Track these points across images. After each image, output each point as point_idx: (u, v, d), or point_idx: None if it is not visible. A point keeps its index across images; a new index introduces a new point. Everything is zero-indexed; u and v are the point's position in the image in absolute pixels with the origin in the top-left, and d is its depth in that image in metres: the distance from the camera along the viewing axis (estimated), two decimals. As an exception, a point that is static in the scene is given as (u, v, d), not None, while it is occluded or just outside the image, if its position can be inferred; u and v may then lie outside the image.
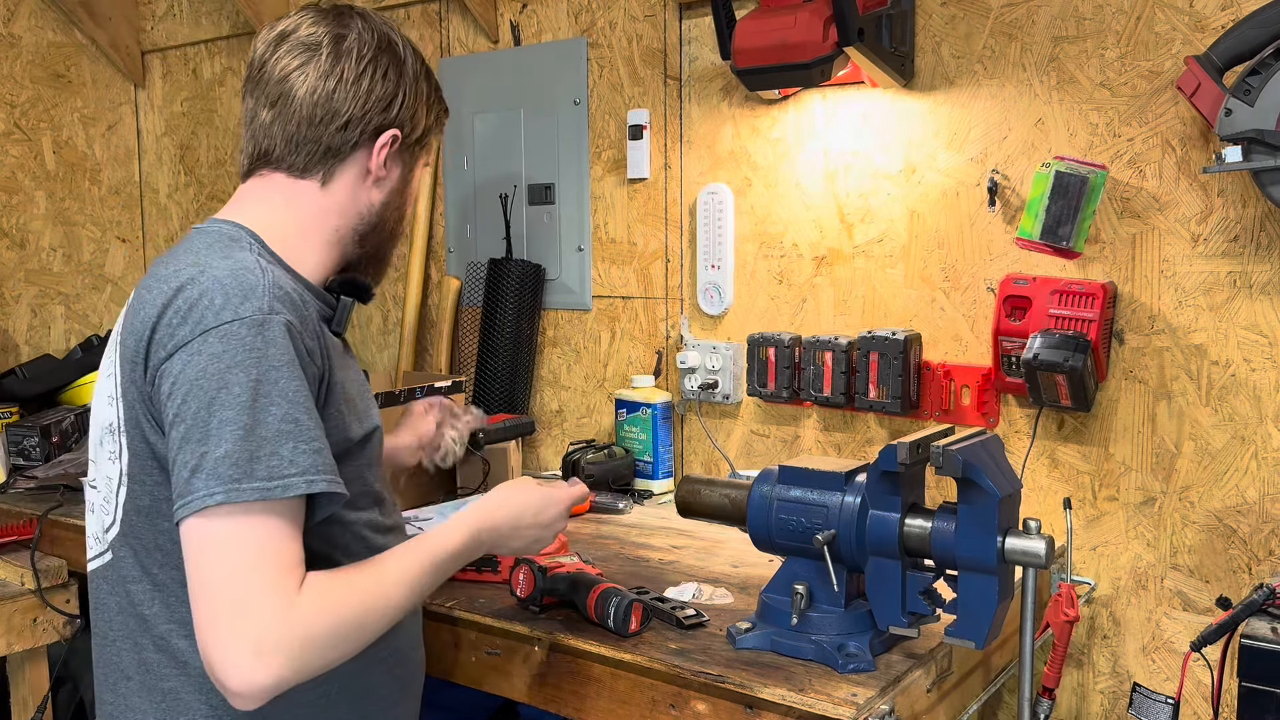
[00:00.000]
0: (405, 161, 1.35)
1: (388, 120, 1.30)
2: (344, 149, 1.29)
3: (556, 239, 2.42)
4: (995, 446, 1.32)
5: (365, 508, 1.28)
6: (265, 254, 1.24)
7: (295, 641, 1.04)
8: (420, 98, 1.34)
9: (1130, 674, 1.78)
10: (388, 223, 1.36)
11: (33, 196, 3.06)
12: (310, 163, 1.29)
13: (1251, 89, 1.50)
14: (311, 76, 1.28)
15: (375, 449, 1.31)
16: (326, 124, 1.28)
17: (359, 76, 1.29)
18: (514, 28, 2.45)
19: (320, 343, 1.19)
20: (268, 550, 1.06)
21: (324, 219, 1.31)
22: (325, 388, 1.19)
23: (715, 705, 1.31)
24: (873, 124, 1.97)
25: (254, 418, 1.07)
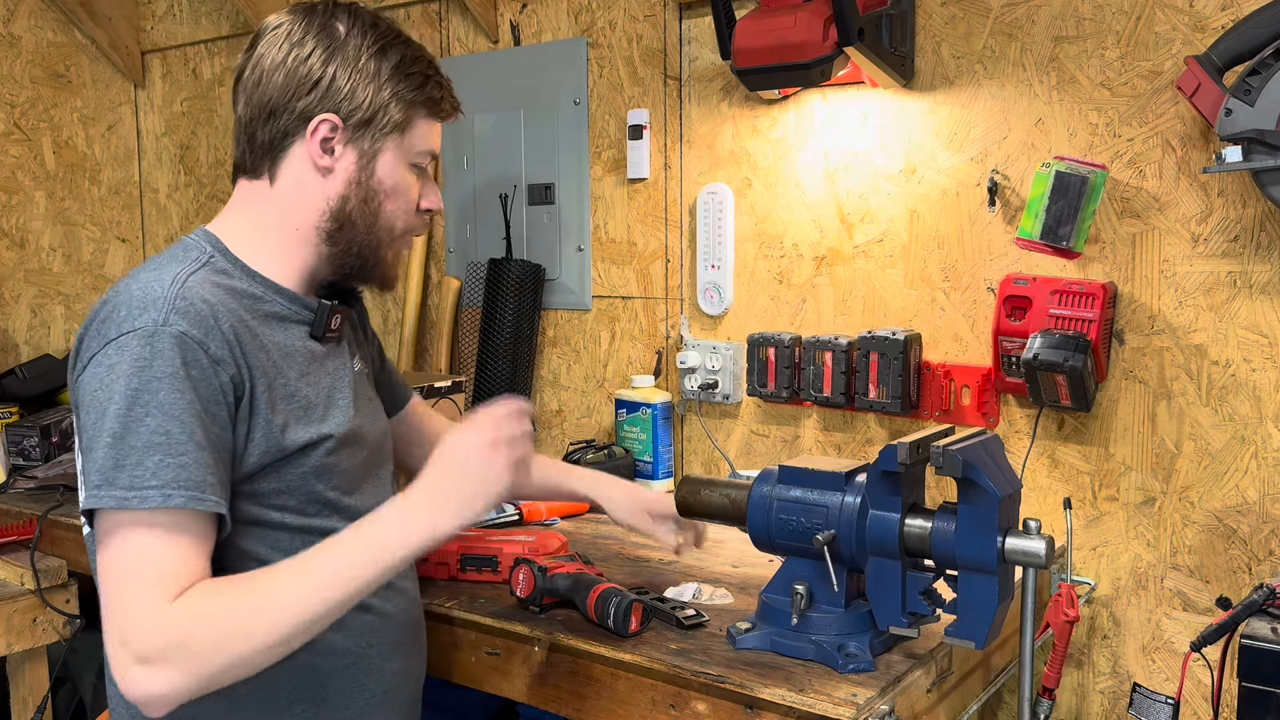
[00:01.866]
0: (362, 148, 1.27)
1: (314, 104, 1.24)
2: (278, 140, 1.26)
3: (556, 239, 2.42)
4: (995, 446, 1.32)
5: (315, 514, 1.25)
6: (224, 260, 1.24)
7: (172, 650, 1.04)
8: (363, 77, 1.25)
9: (1130, 674, 1.78)
10: (355, 217, 1.28)
11: (32, 196, 3.06)
12: (256, 161, 1.27)
13: (1251, 89, 1.50)
14: (247, 72, 1.27)
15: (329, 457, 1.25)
16: (258, 118, 1.26)
17: (279, 64, 1.24)
18: (514, 28, 2.45)
19: (239, 350, 1.16)
20: (138, 560, 1.07)
21: (281, 218, 1.28)
22: (250, 395, 1.17)
23: (715, 705, 1.31)
24: (873, 124, 1.97)
25: (126, 427, 1.08)
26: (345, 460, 1.28)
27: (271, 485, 1.22)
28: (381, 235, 1.31)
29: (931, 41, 1.89)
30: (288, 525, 1.23)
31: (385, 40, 1.27)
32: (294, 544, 1.21)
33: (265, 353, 1.21)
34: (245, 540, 1.21)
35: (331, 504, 1.27)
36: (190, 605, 1.07)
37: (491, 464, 1.15)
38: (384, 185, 1.29)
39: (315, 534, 1.23)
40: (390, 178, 1.29)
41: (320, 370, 1.29)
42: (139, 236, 3.30)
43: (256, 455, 1.19)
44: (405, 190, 1.31)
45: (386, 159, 1.28)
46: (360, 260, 1.31)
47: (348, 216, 1.28)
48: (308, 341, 1.29)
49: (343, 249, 1.29)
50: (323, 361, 1.30)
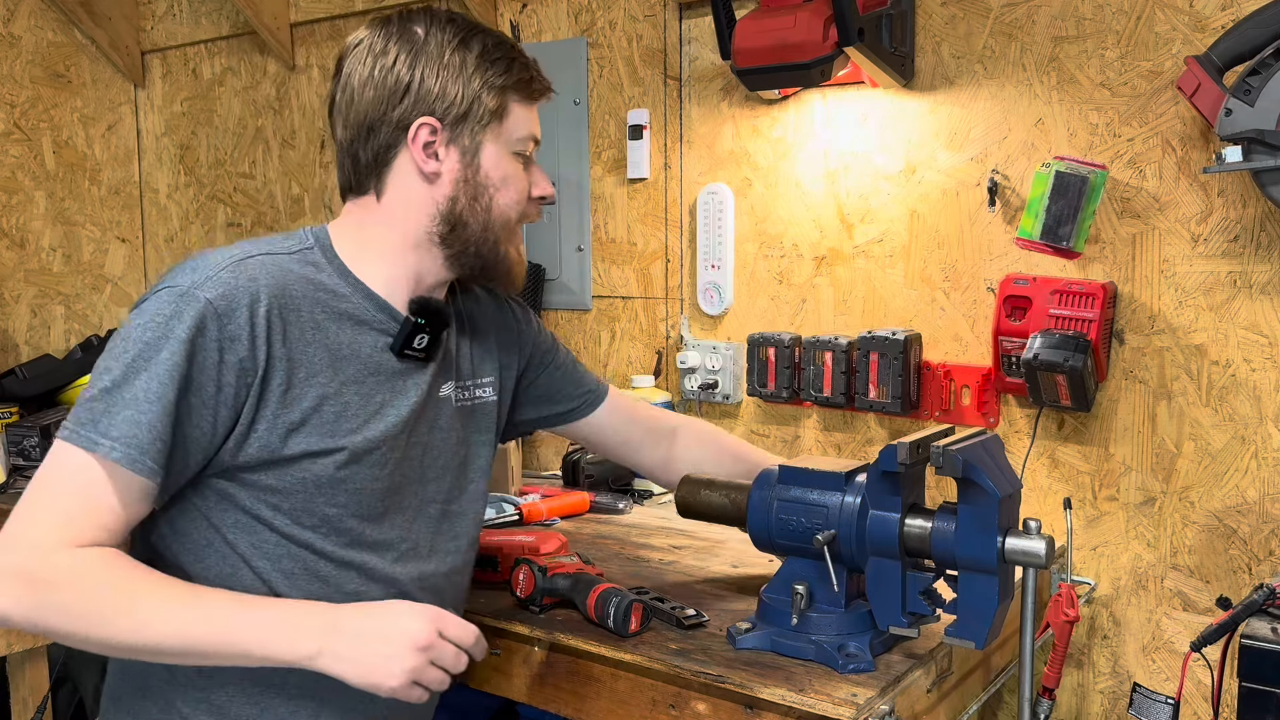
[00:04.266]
0: (463, 145, 1.26)
1: (409, 110, 1.24)
2: (381, 155, 1.25)
3: (556, 239, 2.42)
4: (995, 446, 1.32)
5: (309, 527, 1.21)
6: (321, 254, 1.25)
7: (37, 585, 1.06)
8: (451, 73, 1.24)
9: (1130, 674, 1.78)
10: (466, 217, 1.27)
11: (32, 196, 3.06)
12: (362, 179, 1.27)
13: (1251, 89, 1.50)
14: (338, 96, 1.27)
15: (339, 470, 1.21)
16: (359, 138, 1.26)
17: (367, 79, 1.24)
18: (514, 28, 2.45)
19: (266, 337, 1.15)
20: (73, 497, 1.09)
21: (391, 229, 1.27)
22: (262, 384, 1.16)
23: (715, 705, 1.31)
24: (873, 124, 1.97)
25: (125, 377, 1.11)
26: (360, 479, 1.23)
27: (268, 481, 1.19)
28: (498, 231, 1.29)
29: (931, 41, 1.89)
30: (276, 528, 1.20)
31: (465, 32, 1.26)
32: (278, 550, 1.20)
33: (317, 349, 1.20)
34: (229, 530, 1.20)
35: (331, 522, 1.23)
36: (82, 561, 1.08)
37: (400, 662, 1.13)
38: (491, 178, 1.28)
39: (302, 547, 1.21)
40: (497, 169, 1.28)
41: (383, 385, 1.26)
42: (139, 236, 3.30)
43: (255, 447, 1.17)
44: (514, 180, 1.30)
45: (489, 151, 1.27)
46: (479, 260, 1.30)
47: (459, 217, 1.27)
48: (383, 353, 1.26)
49: (459, 250, 1.28)
50: (391, 377, 1.27)
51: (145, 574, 1.12)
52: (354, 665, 1.12)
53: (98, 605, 1.08)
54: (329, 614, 1.14)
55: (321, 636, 1.12)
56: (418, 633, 1.14)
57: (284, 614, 1.14)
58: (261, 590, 1.21)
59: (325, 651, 1.11)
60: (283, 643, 1.11)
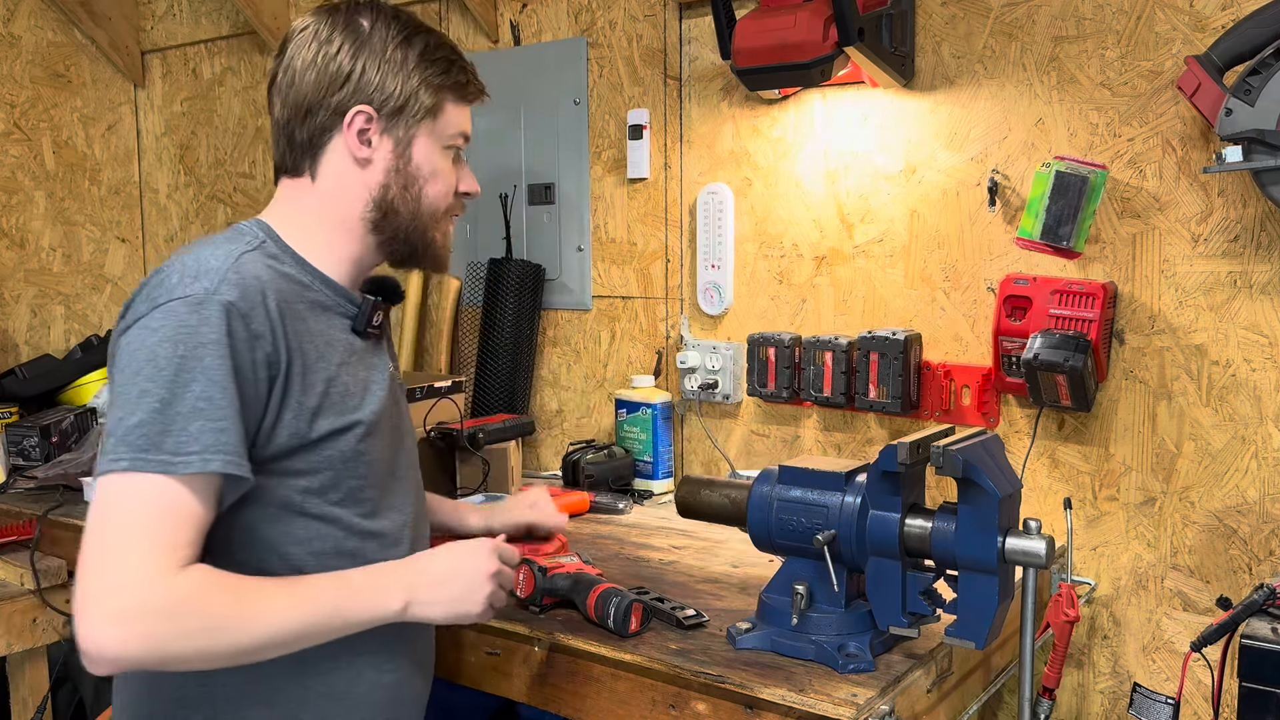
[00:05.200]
0: (397, 136, 1.31)
1: (348, 97, 1.28)
2: (317, 137, 1.29)
3: (556, 239, 2.42)
4: (995, 446, 1.32)
5: (336, 503, 1.26)
6: (275, 245, 1.27)
7: (154, 615, 1.06)
8: (393, 66, 1.29)
9: (1130, 674, 1.78)
10: (398, 205, 1.32)
11: (32, 196, 3.06)
12: (297, 160, 1.31)
13: (1252, 89, 1.50)
14: (279, 76, 1.31)
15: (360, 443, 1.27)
16: (295, 118, 1.30)
17: (310, 63, 1.28)
18: (514, 27, 2.45)
19: (281, 329, 1.19)
20: (161, 523, 1.09)
21: (326, 212, 1.31)
22: (285, 376, 1.20)
23: (715, 705, 1.31)
24: (873, 124, 1.97)
25: (172, 393, 1.11)
26: (374, 449, 1.30)
27: (299, 466, 1.23)
28: (426, 219, 1.34)
29: (931, 41, 1.89)
30: (307, 511, 1.24)
31: (409, 30, 1.31)
32: (307, 533, 1.24)
33: (309, 337, 1.24)
34: (260, 521, 1.22)
35: (355, 494, 1.29)
36: (190, 583, 1.09)
37: (480, 590, 1.28)
38: (422, 170, 1.33)
39: (331, 523, 1.26)
40: (427, 162, 1.33)
41: (360, 364, 1.31)
42: (139, 236, 3.30)
43: (285, 435, 1.20)
44: (444, 173, 1.35)
45: (422, 144, 1.32)
46: (409, 245, 1.35)
47: (390, 204, 1.31)
48: (349, 335, 1.32)
49: (390, 236, 1.33)
50: (362, 356, 1.33)
51: (239, 579, 1.14)
52: (442, 606, 1.26)
53: (217, 621, 1.10)
54: (407, 568, 1.27)
55: (408, 590, 1.23)
56: (486, 563, 1.29)
57: (371, 578, 1.23)
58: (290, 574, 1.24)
59: (415, 600, 1.23)
60: (378, 603, 1.21)
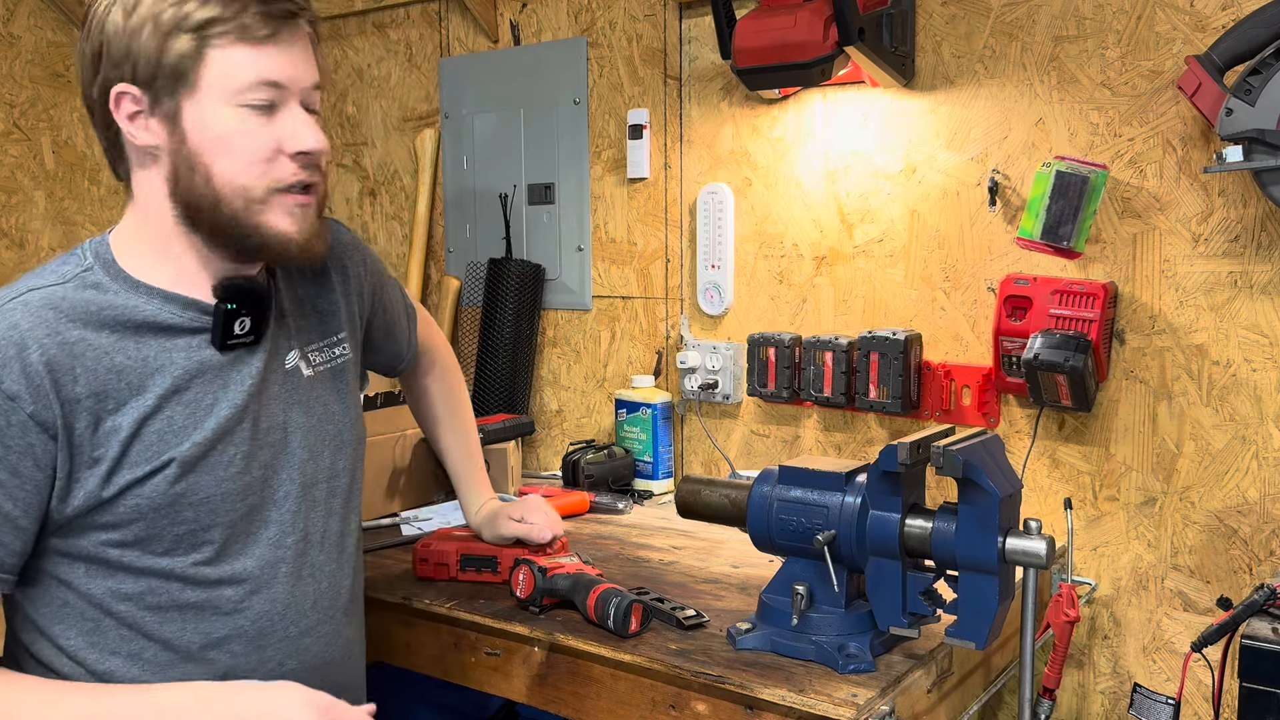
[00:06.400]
0: (165, 109, 1.08)
1: (106, 77, 1.08)
2: (110, 136, 1.13)
3: (556, 239, 2.42)
4: (995, 447, 1.32)
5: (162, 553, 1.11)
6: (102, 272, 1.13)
7: None
8: (135, 21, 1.06)
9: (1131, 674, 1.78)
10: (191, 195, 1.10)
11: (32, 196, 3.06)
12: (113, 166, 1.16)
13: (1252, 89, 1.50)
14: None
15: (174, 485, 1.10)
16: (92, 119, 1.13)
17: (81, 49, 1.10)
18: (514, 27, 2.44)
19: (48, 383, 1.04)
20: None
21: (147, 218, 1.14)
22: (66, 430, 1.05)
23: (715, 706, 1.31)
24: (873, 124, 1.97)
25: None
26: (205, 486, 1.13)
27: (104, 520, 1.09)
28: (234, 203, 1.10)
29: (932, 41, 1.89)
30: (129, 566, 1.11)
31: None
32: (138, 588, 1.12)
33: (120, 373, 1.09)
34: (82, 583, 1.11)
35: (187, 540, 1.13)
36: None
37: None
38: (204, 145, 1.08)
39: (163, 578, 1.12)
40: (203, 132, 1.08)
41: (212, 383, 1.15)
42: (139, 236, 3.30)
43: (81, 496, 1.08)
44: (237, 140, 1.08)
45: (191, 113, 1.08)
46: (233, 239, 1.12)
47: (185, 195, 1.10)
48: (203, 351, 1.14)
49: (208, 231, 1.12)
50: (220, 372, 1.15)
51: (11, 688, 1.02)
52: None
53: None
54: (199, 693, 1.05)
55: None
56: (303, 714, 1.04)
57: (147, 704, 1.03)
58: (133, 640, 1.12)
59: None
60: None
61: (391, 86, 2.70)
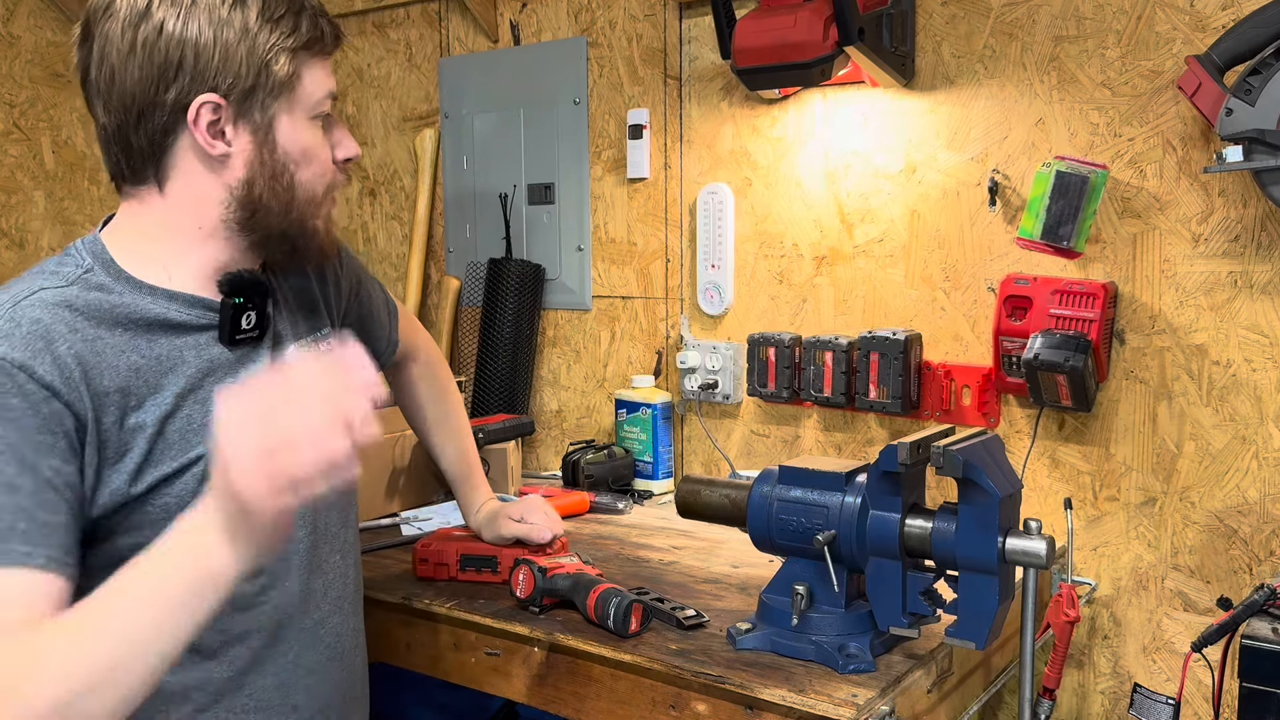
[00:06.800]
0: (254, 121, 1.10)
1: (186, 88, 1.06)
2: (158, 140, 1.09)
3: (556, 239, 2.42)
4: (995, 446, 1.32)
5: None
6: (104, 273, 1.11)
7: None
8: (231, 37, 1.07)
9: (1131, 674, 1.78)
10: (268, 200, 1.13)
11: (32, 196, 3.06)
12: (138, 169, 1.12)
13: (1252, 89, 1.50)
14: (94, 73, 1.09)
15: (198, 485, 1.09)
16: (125, 122, 1.09)
17: (129, 52, 1.06)
18: (514, 27, 2.44)
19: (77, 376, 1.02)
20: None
21: (180, 221, 1.13)
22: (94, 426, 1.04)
23: (715, 706, 1.31)
24: (873, 124, 1.97)
25: None
26: None
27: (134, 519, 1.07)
28: (305, 209, 1.16)
29: (932, 41, 1.89)
30: None
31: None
32: None
33: (139, 371, 1.08)
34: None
35: None
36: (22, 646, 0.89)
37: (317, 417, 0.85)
38: (291, 154, 1.13)
39: None
40: (296, 143, 1.13)
41: (225, 380, 1.14)
42: (139, 236, 3.30)
43: (107, 494, 1.06)
44: (316, 151, 1.15)
45: (285, 124, 1.12)
46: (286, 241, 1.17)
47: (258, 201, 1.12)
48: (213, 348, 1.14)
49: (262, 236, 1.15)
50: (231, 368, 1.16)
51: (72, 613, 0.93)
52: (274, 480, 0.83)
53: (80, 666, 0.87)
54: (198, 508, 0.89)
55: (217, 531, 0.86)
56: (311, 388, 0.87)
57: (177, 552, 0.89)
58: None
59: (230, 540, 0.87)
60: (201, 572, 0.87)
61: (391, 86, 2.70)
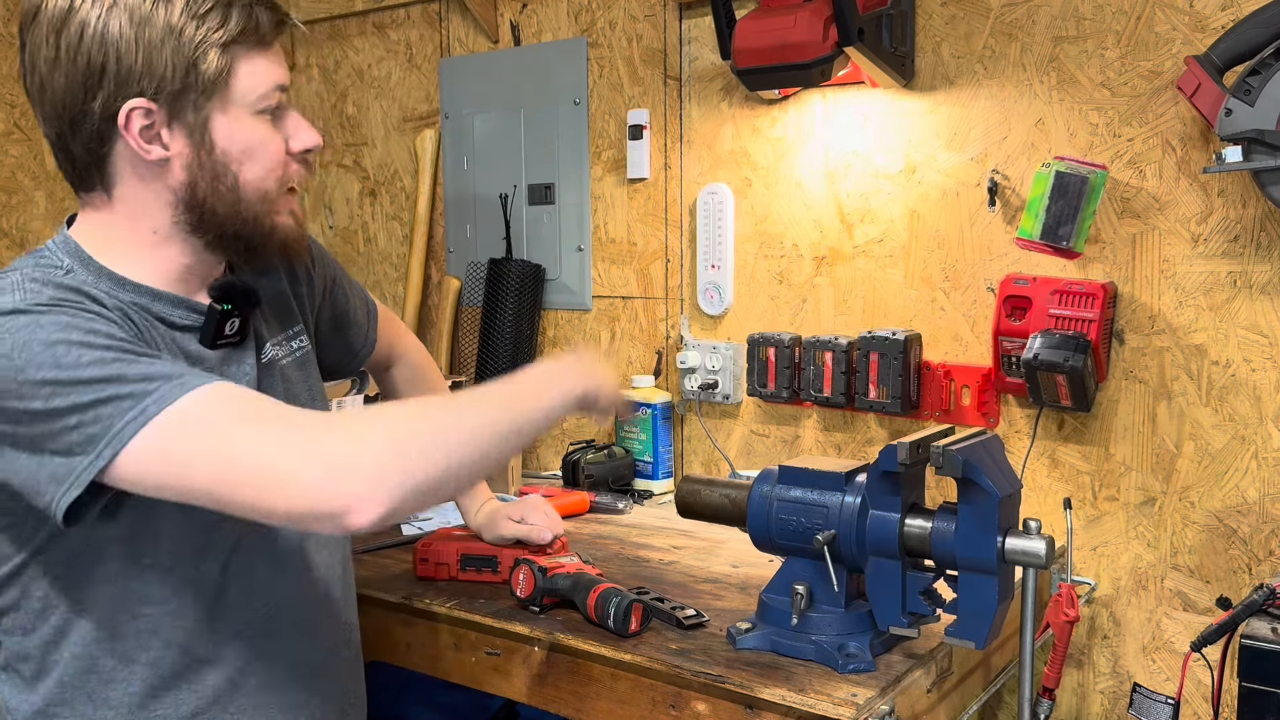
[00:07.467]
0: (188, 122, 1.06)
1: (113, 95, 1.04)
2: (95, 148, 1.07)
3: (556, 239, 2.42)
4: (995, 446, 1.32)
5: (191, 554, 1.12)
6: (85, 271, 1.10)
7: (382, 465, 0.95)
8: (154, 36, 1.03)
9: (1130, 674, 1.78)
10: (212, 201, 1.10)
11: (32, 196, 3.06)
12: (83, 176, 1.10)
13: (1251, 89, 1.50)
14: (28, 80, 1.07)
15: None
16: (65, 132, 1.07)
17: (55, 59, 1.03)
18: (514, 28, 2.45)
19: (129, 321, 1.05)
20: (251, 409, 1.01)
21: (134, 227, 1.11)
22: None
23: (715, 705, 1.31)
24: (873, 124, 1.97)
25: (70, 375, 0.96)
26: None
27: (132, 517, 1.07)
28: (254, 206, 1.12)
29: (931, 41, 1.89)
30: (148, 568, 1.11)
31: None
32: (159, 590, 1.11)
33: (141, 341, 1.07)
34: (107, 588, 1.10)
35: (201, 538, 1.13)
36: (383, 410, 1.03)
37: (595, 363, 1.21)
38: (231, 154, 1.09)
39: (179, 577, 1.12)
40: (235, 142, 1.09)
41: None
42: (139, 236, 3.30)
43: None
44: (261, 146, 1.11)
45: (221, 123, 1.08)
46: (242, 240, 1.14)
47: (203, 203, 1.10)
48: (192, 347, 1.14)
49: (215, 236, 1.12)
50: (217, 367, 1.16)
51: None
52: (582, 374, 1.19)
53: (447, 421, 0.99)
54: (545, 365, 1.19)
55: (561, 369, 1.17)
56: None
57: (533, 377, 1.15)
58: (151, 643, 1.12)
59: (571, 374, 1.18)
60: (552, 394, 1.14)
61: (391, 87, 2.70)
